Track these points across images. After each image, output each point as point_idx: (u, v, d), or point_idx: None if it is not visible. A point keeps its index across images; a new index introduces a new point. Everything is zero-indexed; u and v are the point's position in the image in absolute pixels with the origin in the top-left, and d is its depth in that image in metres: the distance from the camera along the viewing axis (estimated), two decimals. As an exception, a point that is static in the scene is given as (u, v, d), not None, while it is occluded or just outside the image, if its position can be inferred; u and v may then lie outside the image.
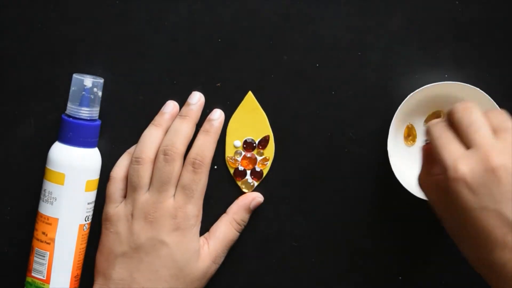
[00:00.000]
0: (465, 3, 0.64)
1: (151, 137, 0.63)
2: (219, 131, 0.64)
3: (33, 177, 0.64)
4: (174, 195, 0.61)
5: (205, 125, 0.63)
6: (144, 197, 0.61)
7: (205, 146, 0.62)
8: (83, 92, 0.60)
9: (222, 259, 0.64)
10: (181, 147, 0.62)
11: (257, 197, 0.65)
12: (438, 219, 0.56)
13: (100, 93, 0.61)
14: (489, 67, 0.65)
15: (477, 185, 0.50)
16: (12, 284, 0.65)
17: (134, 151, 0.63)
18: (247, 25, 0.64)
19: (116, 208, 0.62)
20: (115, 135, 0.64)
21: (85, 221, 0.61)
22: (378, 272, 0.66)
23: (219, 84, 0.65)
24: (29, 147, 0.64)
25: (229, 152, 0.65)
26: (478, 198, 0.50)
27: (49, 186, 0.61)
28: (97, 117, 0.62)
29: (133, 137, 0.64)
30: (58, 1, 0.64)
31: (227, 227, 0.64)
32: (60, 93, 0.64)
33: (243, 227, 0.64)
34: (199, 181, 0.62)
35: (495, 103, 0.61)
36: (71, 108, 0.61)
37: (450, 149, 0.52)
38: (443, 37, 0.65)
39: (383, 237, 0.66)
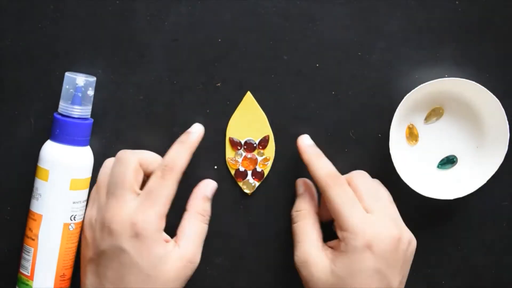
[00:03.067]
0: (465, 3, 0.64)
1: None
2: (195, 145, 0.62)
3: (33, 177, 0.64)
4: (137, 201, 0.59)
5: (182, 136, 0.62)
6: (103, 200, 0.60)
7: (178, 154, 0.60)
8: (75, 91, 0.60)
9: (199, 256, 0.61)
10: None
11: (210, 183, 0.64)
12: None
13: (92, 92, 0.61)
14: (489, 67, 0.65)
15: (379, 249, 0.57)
16: (12, 284, 0.65)
17: None
18: (247, 25, 0.64)
19: (87, 212, 0.62)
20: (115, 135, 0.64)
21: (71, 220, 0.61)
22: (378, 272, 0.66)
23: (219, 84, 0.65)
24: (29, 147, 0.64)
25: (229, 153, 0.65)
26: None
27: (36, 182, 0.61)
28: (88, 116, 0.62)
29: (133, 137, 0.64)
30: (58, 1, 0.64)
31: (192, 222, 0.62)
32: (60, 93, 0.64)
33: (208, 217, 0.63)
34: (165, 187, 0.59)
35: (495, 97, 0.62)
36: (62, 106, 0.61)
37: (354, 212, 0.59)
38: (443, 37, 0.65)
39: (383, 237, 0.66)
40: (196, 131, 0.63)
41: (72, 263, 0.62)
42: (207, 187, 0.64)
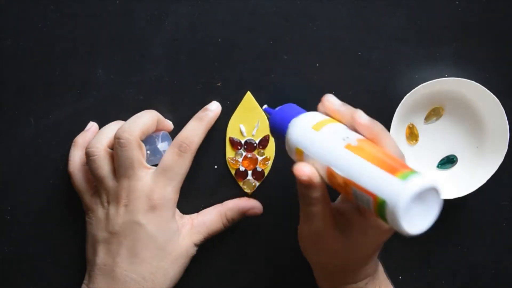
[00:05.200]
0: (465, 3, 0.64)
1: (106, 129, 0.63)
2: (212, 122, 0.63)
3: (33, 177, 0.64)
4: (151, 176, 0.60)
5: (200, 113, 0.63)
6: (113, 183, 0.61)
7: (195, 131, 0.62)
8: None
9: (199, 245, 0.63)
10: (136, 130, 0.60)
11: (257, 208, 0.64)
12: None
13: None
14: (489, 67, 0.65)
15: None
16: (12, 284, 0.65)
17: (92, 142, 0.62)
18: (247, 25, 0.64)
19: (92, 197, 0.62)
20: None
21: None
22: (378, 272, 0.66)
23: (219, 84, 0.65)
24: (29, 147, 0.64)
25: (229, 153, 0.65)
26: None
27: None
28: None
29: (133, 137, 0.64)
30: (58, 1, 0.64)
31: (217, 218, 0.63)
32: (60, 93, 0.64)
33: (230, 225, 0.64)
34: (182, 165, 0.60)
35: (495, 97, 0.62)
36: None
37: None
38: (443, 36, 0.65)
39: (383, 237, 0.66)
40: (214, 109, 0.64)
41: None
42: (251, 210, 0.64)
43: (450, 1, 0.64)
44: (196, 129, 0.62)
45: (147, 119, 0.61)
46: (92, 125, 0.64)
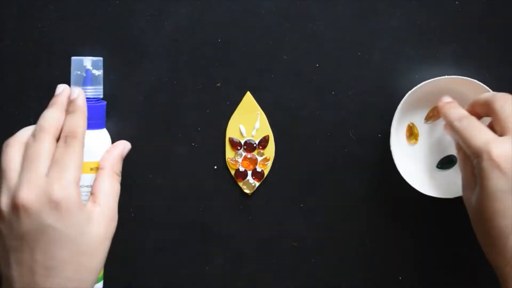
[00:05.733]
0: (465, 3, 0.64)
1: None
2: (84, 108, 0.59)
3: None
4: (46, 174, 0.55)
5: (69, 108, 0.59)
6: (11, 183, 0.55)
7: (74, 122, 0.57)
8: (84, 72, 0.61)
9: (117, 215, 0.59)
10: (48, 127, 0.57)
11: (127, 145, 0.62)
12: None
13: (100, 73, 0.62)
14: (489, 66, 0.65)
15: (509, 169, 0.54)
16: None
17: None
18: (247, 25, 0.64)
19: None
20: (115, 135, 0.64)
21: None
22: (378, 272, 0.66)
23: (219, 84, 0.65)
24: (29, 147, 0.64)
25: (229, 154, 0.65)
26: (507, 180, 0.54)
27: None
28: (101, 96, 0.62)
29: (133, 137, 0.64)
30: (58, 1, 0.64)
31: (112, 181, 0.59)
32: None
33: (120, 177, 0.61)
34: (73, 153, 0.55)
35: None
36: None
37: (482, 135, 0.56)
38: (443, 36, 0.65)
39: (383, 237, 0.66)
40: (78, 94, 0.59)
41: None
42: (124, 148, 0.62)
43: (450, 1, 0.64)
44: (73, 120, 0.58)
45: (55, 114, 0.58)
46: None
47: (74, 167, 0.55)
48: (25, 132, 0.58)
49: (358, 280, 0.66)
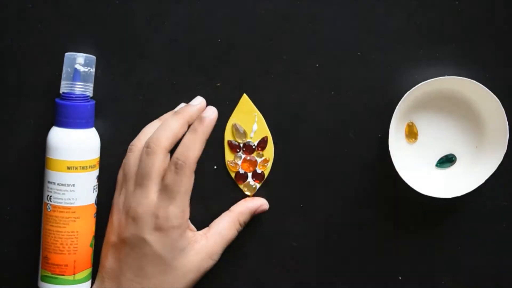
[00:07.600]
0: (465, 3, 0.64)
1: (150, 127, 0.63)
2: (208, 130, 0.62)
3: (33, 177, 0.64)
4: (158, 192, 0.60)
5: (195, 123, 0.62)
6: (131, 188, 0.61)
7: (190, 145, 0.60)
8: (75, 68, 0.61)
9: (219, 256, 0.63)
10: (164, 141, 0.60)
11: (264, 205, 0.64)
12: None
13: (93, 70, 0.62)
14: (489, 67, 0.65)
15: None
16: (12, 283, 0.65)
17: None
18: (247, 25, 0.64)
19: (115, 197, 0.63)
20: (115, 135, 0.64)
21: (48, 200, 0.61)
22: (378, 272, 0.66)
23: (219, 84, 0.65)
24: (29, 147, 0.64)
25: (228, 156, 0.65)
26: None
27: None
28: (90, 95, 0.62)
29: (133, 137, 0.64)
30: (58, 1, 0.64)
31: (230, 225, 0.63)
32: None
33: (242, 228, 0.64)
34: (181, 183, 0.59)
35: (495, 96, 0.62)
36: (65, 84, 0.61)
37: None
38: (442, 36, 0.65)
39: (383, 237, 0.66)
40: (209, 115, 0.62)
41: (58, 249, 0.61)
42: (260, 208, 0.64)
43: (450, 1, 0.64)
44: (190, 142, 0.61)
45: (175, 127, 0.61)
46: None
47: (181, 197, 0.60)
48: (145, 138, 0.62)
49: (358, 280, 0.66)
